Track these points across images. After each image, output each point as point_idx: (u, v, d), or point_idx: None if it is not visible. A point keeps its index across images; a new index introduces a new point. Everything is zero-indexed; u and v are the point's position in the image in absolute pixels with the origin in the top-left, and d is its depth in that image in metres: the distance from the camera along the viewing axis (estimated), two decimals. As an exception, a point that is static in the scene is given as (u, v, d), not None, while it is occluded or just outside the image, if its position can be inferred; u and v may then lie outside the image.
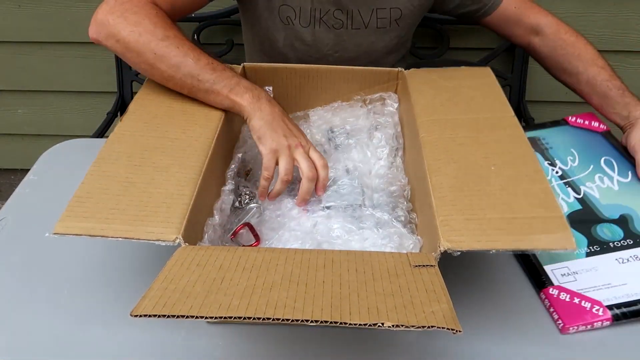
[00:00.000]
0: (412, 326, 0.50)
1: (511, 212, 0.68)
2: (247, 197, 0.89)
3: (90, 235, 0.66)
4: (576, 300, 0.75)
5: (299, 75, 1.01)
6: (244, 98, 0.87)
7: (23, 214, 0.94)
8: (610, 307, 0.73)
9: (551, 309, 0.75)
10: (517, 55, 1.57)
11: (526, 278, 0.82)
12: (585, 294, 0.75)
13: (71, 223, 0.67)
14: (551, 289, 0.77)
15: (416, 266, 0.61)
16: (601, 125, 1.05)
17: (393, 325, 0.50)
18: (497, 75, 1.56)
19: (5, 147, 1.95)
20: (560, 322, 0.73)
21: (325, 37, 1.13)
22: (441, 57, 1.60)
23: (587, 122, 1.06)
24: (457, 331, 0.50)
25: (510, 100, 1.59)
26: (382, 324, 0.50)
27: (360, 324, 0.50)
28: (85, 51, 1.70)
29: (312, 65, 1.02)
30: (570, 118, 1.07)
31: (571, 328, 0.73)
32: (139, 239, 0.65)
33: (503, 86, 1.58)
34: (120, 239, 0.65)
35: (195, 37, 1.58)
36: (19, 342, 0.73)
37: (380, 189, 0.89)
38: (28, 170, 1.05)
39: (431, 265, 0.61)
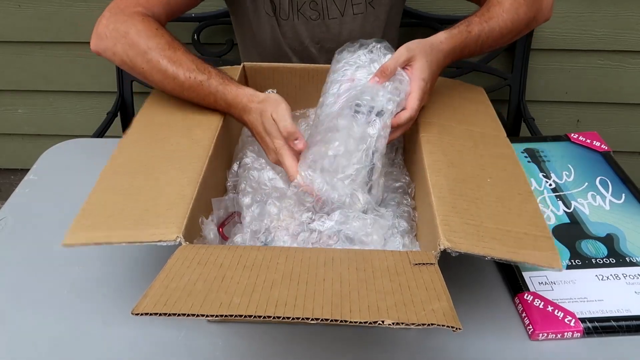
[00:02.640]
0: (413, 324, 0.50)
1: (505, 225, 0.69)
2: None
3: (96, 244, 0.67)
4: (549, 309, 0.74)
5: (298, 74, 1.01)
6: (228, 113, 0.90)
7: (23, 214, 0.94)
8: (583, 320, 0.73)
9: (523, 314, 0.75)
10: (517, 55, 1.57)
11: (502, 281, 0.82)
12: (560, 304, 0.75)
13: (79, 234, 0.68)
14: (526, 295, 0.77)
15: (416, 264, 0.61)
16: (602, 146, 1.05)
17: (393, 323, 0.50)
18: (497, 75, 1.59)
19: (5, 147, 1.95)
20: (530, 327, 0.73)
21: (303, 29, 1.14)
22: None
23: (588, 141, 1.06)
24: (457, 329, 0.50)
25: (510, 100, 1.61)
26: (382, 321, 0.50)
27: (360, 322, 0.50)
28: (85, 51, 1.70)
29: (312, 64, 1.02)
30: (572, 135, 1.08)
31: (540, 334, 0.72)
32: (141, 242, 0.66)
33: (503, 86, 1.59)
34: (124, 243, 0.66)
35: (195, 37, 1.58)
36: (19, 342, 0.73)
37: (385, 185, 0.89)
38: (28, 170, 1.05)
39: (431, 264, 0.61)
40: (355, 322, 0.50)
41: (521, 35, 1.00)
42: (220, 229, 0.80)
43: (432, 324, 0.50)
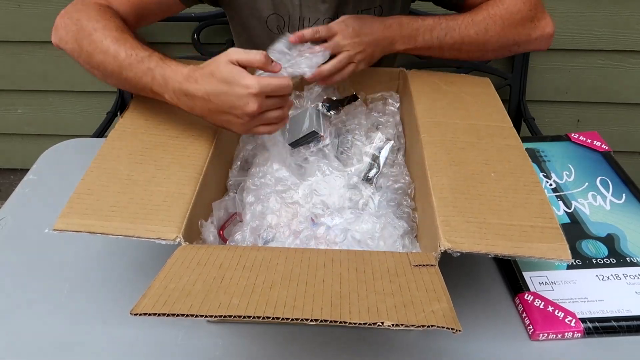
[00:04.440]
0: (412, 325, 0.50)
1: (509, 219, 0.68)
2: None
3: (90, 232, 0.66)
4: (550, 309, 0.74)
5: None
6: (165, 98, 0.80)
7: (22, 214, 0.94)
8: (583, 320, 0.73)
9: (524, 314, 0.75)
10: (517, 55, 1.57)
11: (503, 281, 0.82)
12: (560, 304, 0.75)
13: (71, 220, 0.67)
14: (526, 295, 0.77)
15: (416, 266, 0.61)
16: (603, 145, 1.05)
17: (393, 325, 0.49)
18: (497, 75, 1.59)
19: (5, 147, 1.95)
20: (530, 327, 0.73)
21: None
22: (441, 57, 1.60)
23: (589, 141, 1.06)
24: (457, 330, 0.49)
25: (510, 100, 1.61)
26: (382, 323, 0.50)
27: (360, 323, 0.50)
28: (85, 51, 1.70)
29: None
30: (572, 135, 1.08)
31: (541, 335, 0.72)
32: (139, 237, 0.65)
33: (503, 86, 1.59)
34: (121, 236, 0.65)
35: (195, 36, 1.58)
36: (19, 341, 0.73)
37: (386, 186, 0.89)
38: (28, 170, 1.05)
39: (431, 265, 0.61)
40: (355, 324, 0.50)
41: (499, 53, 1.01)
42: (221, 232, 0.80)
43: (431, 326, 0.50)
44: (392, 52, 0.97)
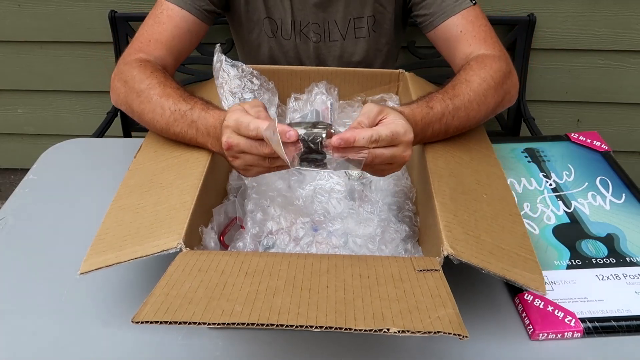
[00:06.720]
0: (419, 332, 0.50)
1: (500, 242, 0.70)
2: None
3: (108, 266, 0.67)
4: (550, 309, 0.74)
5: (299, 76, 1.00)
6: (209, 147, 0.80)
7: (23, 214, 0.94)
8: (583, 320, 0.73)
9: (523, 314, 0.75)
10: (517, 55, 1.56)
11: (502, 281, 0.81)
12: (560, 304, 0.75)
13: (93, 260, 0.69)
14: (526, 295, 0.76)
15: (420, 271, 0.61)
16: (603, 145, 1.05)
17: (399, 331, 0.49)
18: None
19: (5, 147, 1.95)
20: (530, 327, 0.73)
21: (305, 49, 1.14)
22: (441, 56, 1.59)
23: (589, 141, 1.06)
24: (463, 336, 0.49)
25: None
26: (388, 329, 0.50)
27: (365, 330, 0.50)
28: (85, 51, 1.70)
29: (314, 67, 1.02)
30: (572, 135, 1.08)
31: (541, 335, 0.72)
32: (147, 256, 0.65)
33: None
34: (132, 260, 0.66)
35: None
36: (19, 342, 0.73)
37: (387, 189, 0.89)
38: (28, 170, 1.05)
39: (435, 270, 0.61)
40: (360, 330, 0.50)
41: (485, 120, 0.91)
42: (222, 237, 0.80)
43: (438, 332, 0.49)
44: None
